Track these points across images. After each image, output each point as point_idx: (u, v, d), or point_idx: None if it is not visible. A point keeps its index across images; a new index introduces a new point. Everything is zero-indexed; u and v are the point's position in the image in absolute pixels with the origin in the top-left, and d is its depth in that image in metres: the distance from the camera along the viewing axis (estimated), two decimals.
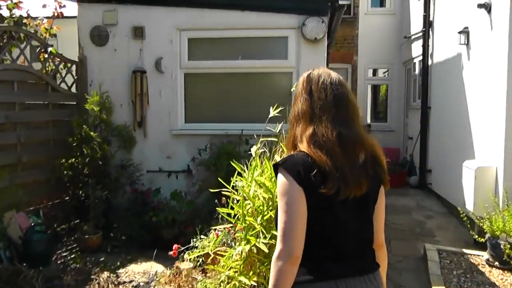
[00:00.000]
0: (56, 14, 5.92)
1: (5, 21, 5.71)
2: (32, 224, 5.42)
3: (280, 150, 4.39)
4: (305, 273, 2.00)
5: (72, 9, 6.84)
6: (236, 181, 4.32)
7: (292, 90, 5.88)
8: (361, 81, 13.65)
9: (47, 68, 6.16)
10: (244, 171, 4.33)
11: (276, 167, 2.00)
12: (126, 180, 6.47)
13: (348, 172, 1.94)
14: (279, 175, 1.97)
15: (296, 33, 6.23)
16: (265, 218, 3.77)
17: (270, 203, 3.84)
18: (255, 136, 4.97)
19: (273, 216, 3.73)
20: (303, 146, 1.98)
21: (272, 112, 4.72)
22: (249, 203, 3.97)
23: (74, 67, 6.55)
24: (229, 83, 6.70)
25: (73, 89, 6.62)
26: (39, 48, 5.96)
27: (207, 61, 6.63)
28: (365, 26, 13.31)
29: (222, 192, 4.34)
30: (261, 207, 3.86)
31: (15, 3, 5.80)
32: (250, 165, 4.35)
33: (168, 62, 6.57)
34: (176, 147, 6.65)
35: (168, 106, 6.61)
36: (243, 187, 4.09)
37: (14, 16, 5.78)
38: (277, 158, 4.55)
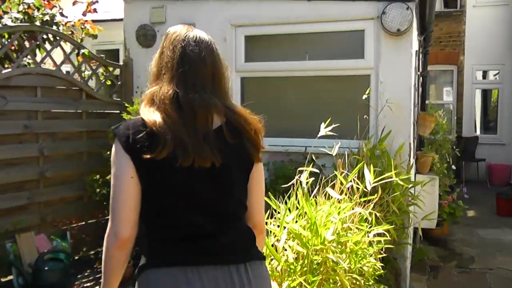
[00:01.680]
0: (88, 10, 5.11)
1: (34, 21, 4.96)
2: (45, 251, 4.60)
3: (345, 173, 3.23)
4: (144, 257, 1.81)
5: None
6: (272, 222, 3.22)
7: (364, 96, 4.62)
8: (468, 85, 11.88)
9: (83, 73, 5.37)
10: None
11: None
12: None
13: (186, 137, 1.71)
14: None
15: (375, 25, 4.94)
16: (292, 285, 2.57)
17: (305, 262, 2.64)
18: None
19: (304, 283, 2.55)
20: (141, 108, 1.81)
21: (325, 127, 3.55)
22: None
23: (116, 72, 5.73)
24: (292, 88, 5.54)
25: (117, 96, 5.81)
26: (70, 51, 5.17)
27: (267, 62, 5.51)
28: (473, 20, 11.51)
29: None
30: (291, 266, 2.68)
31: (48, 2, 5.05)
32: (293, 198, 3.20)
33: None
34: None
35: None
36: (274, 234, 2.95)
37: (46, 14, 5.02)
38: (331, 191, 3.38)
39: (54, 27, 5.06)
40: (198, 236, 1.75)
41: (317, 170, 4.03)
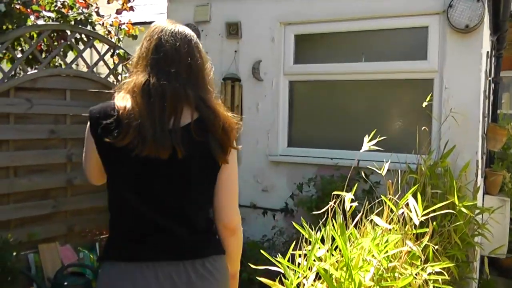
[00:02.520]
0: (124, 8, 4.72)
1: (67, 20, 4.63)
2: (65, 265, 4.23)
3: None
4: (104, 247, 1.83)
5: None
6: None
7: (425, 104, 3.90)
8: None
9: (120, 75, 5.00)
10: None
11: None
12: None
13: (148, 126, 1.67)
14: None
15: (440, 21, 4.19)
16: None
17: None
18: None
19: None
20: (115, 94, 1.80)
21: (369, 140, 2.95)
22: None
23: None
24: (345, 94, 4.88)
25: None
26: (104, 51, 4.80)
27: (318, 64, 4.89)
28: None
29: None
30: None
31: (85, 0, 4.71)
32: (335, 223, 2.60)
33: (269, 67, 4.98)
34: (274, 177, 5.01)
35: (267, 123, 5.01)
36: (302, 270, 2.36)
37: (82, 13, 4.68)
38: (377, 219, 2.74)
39: (89, 27, 4.72)
40: (153, 231, 1.75)
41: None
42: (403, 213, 2.91)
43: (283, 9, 4.90)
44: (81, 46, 4.73)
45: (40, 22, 4.42)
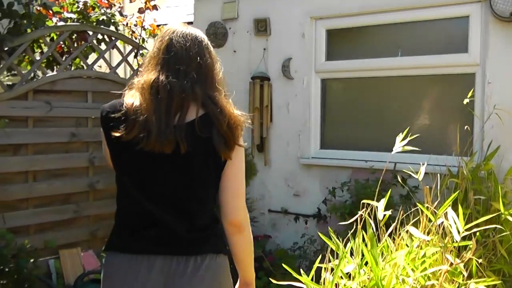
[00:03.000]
0: (146, 7, 4.51)
1: (89, 21, 4.47)
2: (84, 272, 4.05)
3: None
4: (110, 236, 1.89)
5: None
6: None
7: (466, 101, 3.51)
8: None
9: None
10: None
11: None
12: None
13: (154, 122, 1.70)
14: None
15: (482, 9, 3.77)
16: None
17: None
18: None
19: None
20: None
21: (401, 140, 2.65)
22: None
23: None
24: (380, 91, 4.51)
25: None
26: (127, 52, 4.61)
27: (351, 60, 4.54)
28: None
29: None
30: None
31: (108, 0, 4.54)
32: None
33: (299, 64, 4.67)
34: (306, 181, 4.70)
35: (298, 124, 4.70)
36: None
37: (104, 14, 4.51)
38: (414, 230, 2.42)
39: (112, 28, 4.54)
40: (151, 224, 1.77)
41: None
42: (442, 222, 2.57)
43: (314, 3, 4.59)
44: (104, 47, 4.57)
45: (61, 24, 4.27)
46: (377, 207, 2.49)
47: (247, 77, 4.83)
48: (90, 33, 4.33)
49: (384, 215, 2.44)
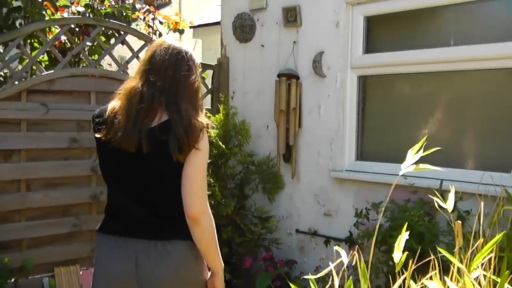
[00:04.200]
0: None
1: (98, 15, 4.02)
2: None
3: None
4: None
5: None
6: None
7: None
8: None
9: None
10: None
11: None
12: (263, 241, 4.10)
13: (123, 123, 1.94)
14: None
15: None
16: None
17: None
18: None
19: None
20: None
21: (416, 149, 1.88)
22: None
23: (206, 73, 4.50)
24: (430, 90, 3.59)
25: (211, 104, 4.59)
26: (138, 48, 4.10)
27: (394, 52, 3.69)
28: None
29: None
30: None
31: None
32: None
33: (333, 59, 3.89)
34: (339, 199, 3.90)
35: (330, 130, 3.91)
36: None
37: (117, 6, 4.05)
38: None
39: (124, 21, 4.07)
40: (125, 212, 2.02)
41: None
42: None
43: None
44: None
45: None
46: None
47: (275, 75, 4.13)
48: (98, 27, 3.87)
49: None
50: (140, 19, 4.27)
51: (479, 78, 3.35)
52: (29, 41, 3.66)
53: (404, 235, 1.90)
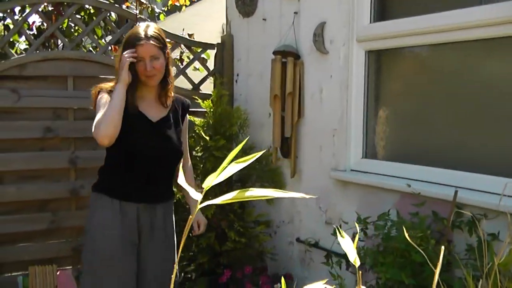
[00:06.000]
0: None
1: None
2: None
3: None
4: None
5: None
6: None
7: None
8: None
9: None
10: None
11: None
12: (257, 251, 3.43)
13: None
14: None
15: None
16: None
17: None
18: None
19: None
20: None
21: None
22: None
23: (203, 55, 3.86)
24: (456, 67, 2.65)
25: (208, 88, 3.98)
26: (122, 27, 3.59)
27: (409, 18, 2.77)
28: None
29: None
30: None
31: None
32: None
33: (336, 31, 3.07)
34: (342, 204, 3.09)
35: (333, 118, 3.10)
36: None
37: None
38: None
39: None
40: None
41: None
42: None
43: None
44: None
45: None
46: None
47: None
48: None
49: None
50: None
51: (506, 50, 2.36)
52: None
53: None
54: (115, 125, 2.19)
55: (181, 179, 1.02)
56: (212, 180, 0.95)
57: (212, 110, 3.47)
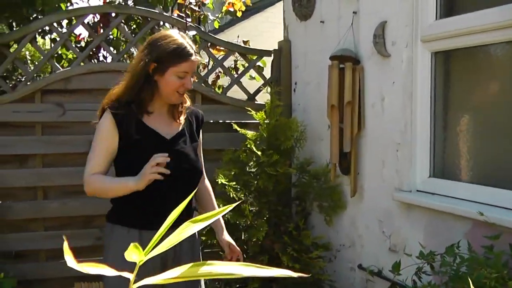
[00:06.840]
0: None
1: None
2: None
3: None
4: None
5: None
6: None
7: None
8: None
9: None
10: None
11: None
12: (314, 278, 3.08)
13: None
14: None
15: None
16: None
17: None
18: None
19: None
20: None
21: None
22: None
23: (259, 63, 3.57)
24: None
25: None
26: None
27: (479, 12, 2.34)
28: None
29: None
30: None
31: None
32: None
33: (398, 31, 2.69)
34: (406, 229, 2.67)
35: (396, 130, 2.71)
36: None
37: None
38: None
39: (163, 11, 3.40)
40: None
41: None
42: None
43: None
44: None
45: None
46: None
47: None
48: (113, 15, 3.31)
49: None
50: (186, 6, 3.56)
51: None
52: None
53: None
54: (107, 196, 2.18)
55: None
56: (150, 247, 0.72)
57: (265, 122, 3.19)
